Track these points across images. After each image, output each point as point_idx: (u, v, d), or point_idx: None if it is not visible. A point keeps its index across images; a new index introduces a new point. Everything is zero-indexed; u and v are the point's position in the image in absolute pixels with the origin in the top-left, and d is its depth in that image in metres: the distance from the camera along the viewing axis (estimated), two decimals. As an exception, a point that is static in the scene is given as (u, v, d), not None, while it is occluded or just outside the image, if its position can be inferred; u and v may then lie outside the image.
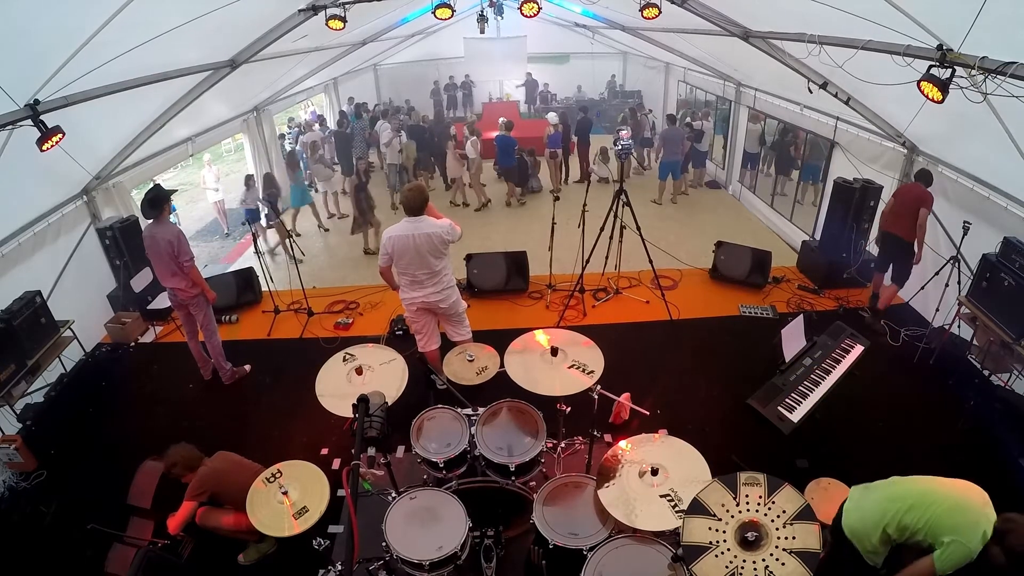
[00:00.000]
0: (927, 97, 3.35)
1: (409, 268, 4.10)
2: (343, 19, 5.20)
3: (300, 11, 5.36)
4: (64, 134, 3.83)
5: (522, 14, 5.90)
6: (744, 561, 1.92)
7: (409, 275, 4.14)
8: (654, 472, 2.61)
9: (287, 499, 2.60)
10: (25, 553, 3.62)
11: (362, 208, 8.16)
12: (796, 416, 3.77)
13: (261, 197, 8.41)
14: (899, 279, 5.42)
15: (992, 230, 4.62)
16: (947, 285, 5.01)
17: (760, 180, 10.44)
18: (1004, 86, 2.90)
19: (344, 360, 3.21)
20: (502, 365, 3.29)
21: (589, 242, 5.80)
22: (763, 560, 1.91)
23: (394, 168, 10.53)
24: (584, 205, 5.92)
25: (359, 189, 8.20)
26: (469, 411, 3.45)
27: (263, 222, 8.96)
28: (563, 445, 3.73)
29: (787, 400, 3.88)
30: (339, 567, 2.90)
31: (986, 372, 4.68)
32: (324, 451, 4.17)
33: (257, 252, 6.22)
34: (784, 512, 2.00)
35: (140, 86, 4.61)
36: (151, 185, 5.05)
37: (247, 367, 5.19)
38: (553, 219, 5.98)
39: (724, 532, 2.00)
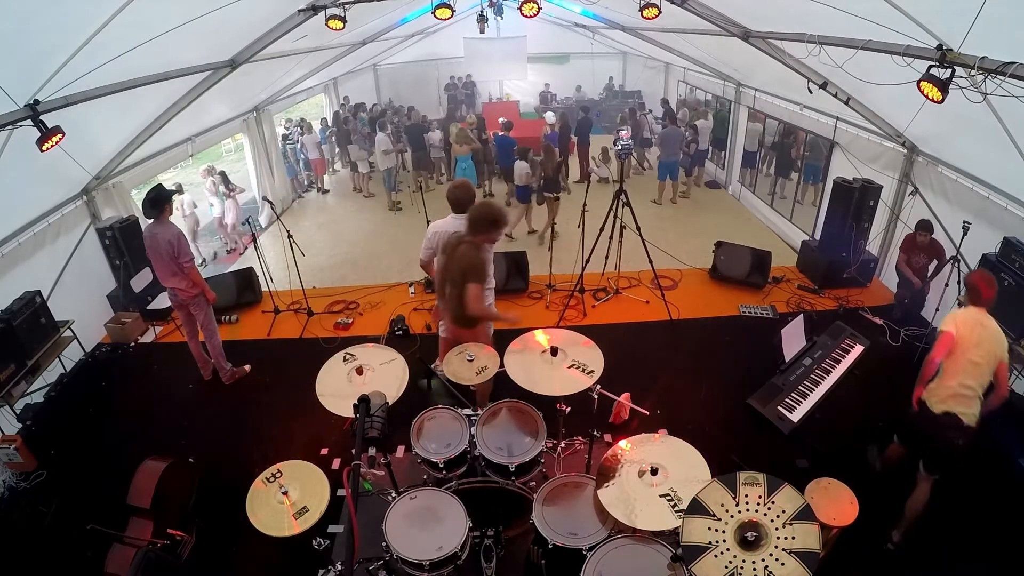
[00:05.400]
0: (927, 97, 3.35)
1: None
2: (343, 19, 5.20)
3: (300, 11, 5.36)
4: (64, 134, 3.83)
5: (522, 14, 5.89)
6: (744, 561, 1.91)
7: None
8: (654, 472, 2.60)
9: (287, 499, 2.60)
10: (25, 553, 3.62)
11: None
12: (796, 416, 3.78)
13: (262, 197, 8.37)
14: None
15: (992, 230, 4.62)
16: (947, 285, 5.01)
17: (760, 180, 10.45)
18: (1004, 86, 2.90)
19: (344, 360, 3.21)
20: (502, 365, 3.29)
21: (589, 242, 5.80)
22: (763, 560, 1.90)
23: (390, 172, 10.66)
24: (584, 205, 5.93)
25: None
26: (469, 411, 3.45)
27: (533, 201, 8.92)
28: (563, 445, 3.73)
29: (787, 400, 3.88)
30: (339, 567, 2.90)
31: (986, 372, 4.67)
32: (324, 451, 4.17)
33: (257, 252, 6.21)
34: (784, 512, 2.00)
35: (140, 86, 4.61)
36: (152, 184, 5.04)
37: (247, 367, 5.19)
38: (553, 219, 5.98)
39: (724, 532, 2.00)
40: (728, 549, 1.96)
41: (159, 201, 4.34)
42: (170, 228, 4.39)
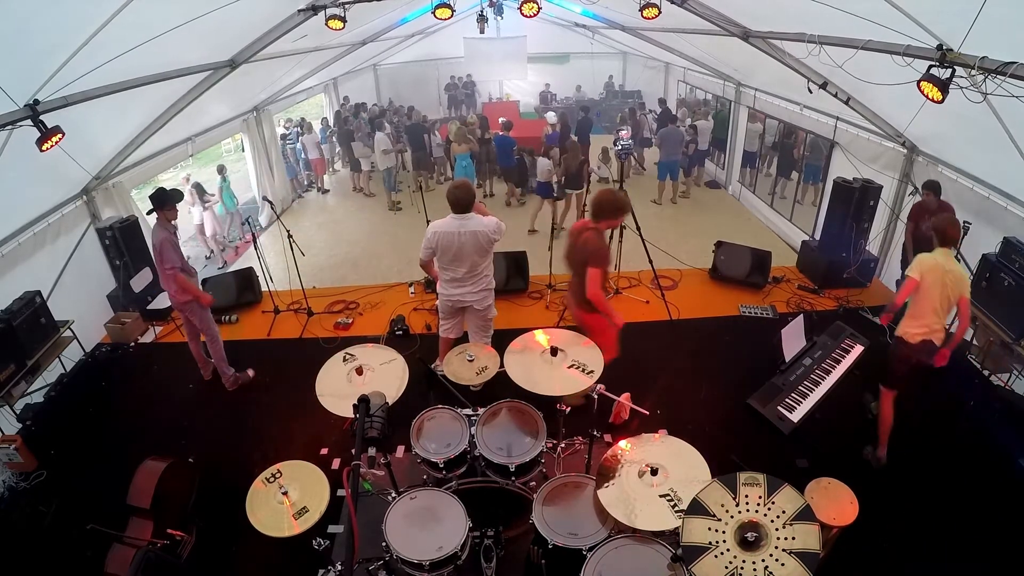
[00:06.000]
0: (927, 97, 3.35)
1: (451, 265, 4.07)
2: (343, 19, 5.20)
3: (300, 11, 5.36)
4: (64, 134, 3.82)
5: (522, 14, 5.89)
6: (744, 561, 1.91)
7: (451, 271, 4.11)
8: (654, 472, 2.60)
9: (287, 499, 2.60)
10: (25, 553, 3.62)
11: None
12: (796, 416, 3.78)
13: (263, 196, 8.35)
14: None
15: (992, 230, 4.63)
16: (947, 285, 5.01)
17: (760, 180, 10.45)
18: (1004, 86, 2.90)
19: (344, 360, 3.20)
20: (502, 365, 3.29)
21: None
22: (763, 560, 1.90)
23: (390, 172, 10.68)
24: (584, 205, 5.92)
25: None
26: (469, 411, 3.45)
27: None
28: (563, 445, 3.73)
29: (787, 400, 3.88)
30: (339, 567, 2.90)
31: (986, 372, 4.67)
32: (324, 451, 4.17)
33: (257, 252, 6.21)
34: (784, 512, 2.00)
35: (140, 86, 4.61)
36: (156, 185, 5.01)
37: (250, 372, 5.10)
38: (553, 219, 5.98)
39: (724, 532, 2.00)
40: (728, 549, 1.96)
41: (157, 200, 4.30)
42: (159, 232, 4.29)
